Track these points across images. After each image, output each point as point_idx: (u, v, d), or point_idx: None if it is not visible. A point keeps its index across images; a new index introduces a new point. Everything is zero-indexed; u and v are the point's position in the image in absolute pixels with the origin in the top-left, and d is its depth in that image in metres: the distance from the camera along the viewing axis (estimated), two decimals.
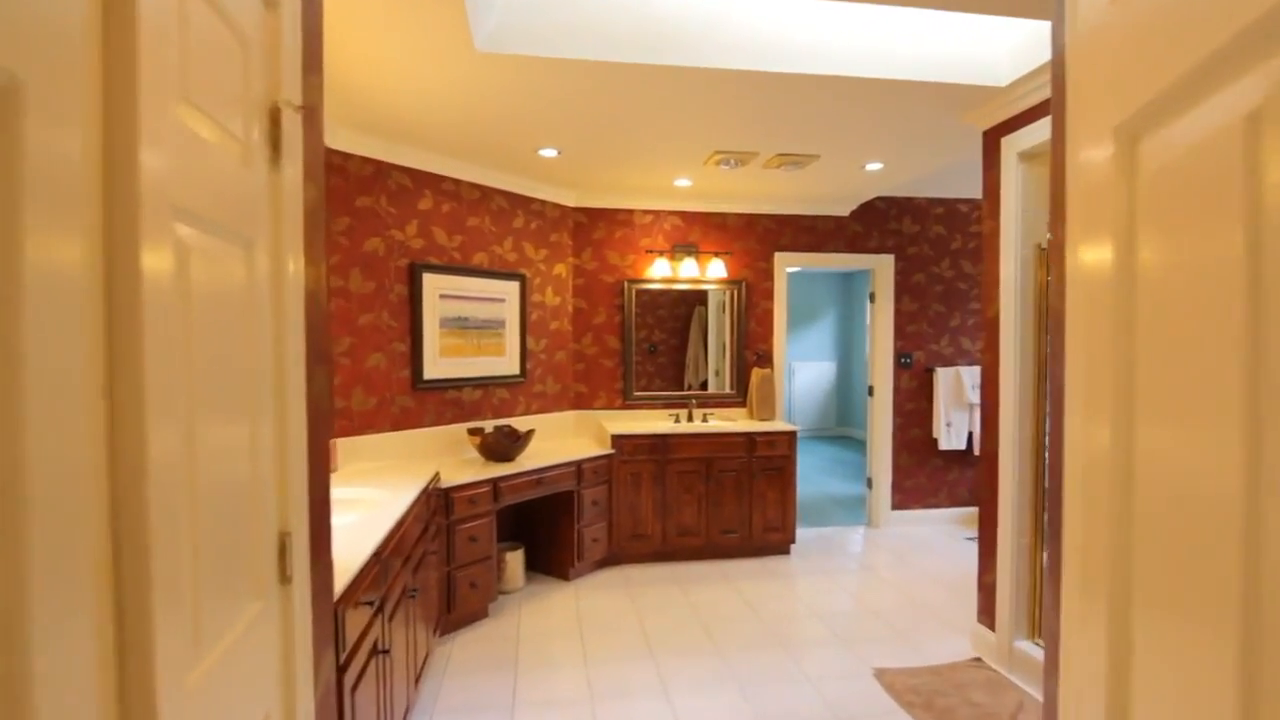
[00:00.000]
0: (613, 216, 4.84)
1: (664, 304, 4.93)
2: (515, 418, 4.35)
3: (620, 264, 4.85)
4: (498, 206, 4.24)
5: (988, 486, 3.09)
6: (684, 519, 4.37)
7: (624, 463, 4.29)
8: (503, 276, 4.25)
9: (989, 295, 3.08)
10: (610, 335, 4.85)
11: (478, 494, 3.41)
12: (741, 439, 4.43)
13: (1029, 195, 2.87)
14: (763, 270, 5.04)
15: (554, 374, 4.66)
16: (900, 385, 5.21)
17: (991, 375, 3.06)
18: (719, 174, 4.16)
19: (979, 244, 5.26)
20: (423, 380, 3.79)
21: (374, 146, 3.53)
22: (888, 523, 5.21)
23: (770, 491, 4.47)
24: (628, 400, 4.86)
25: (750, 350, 5.04)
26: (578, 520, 4.03)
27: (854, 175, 4.19)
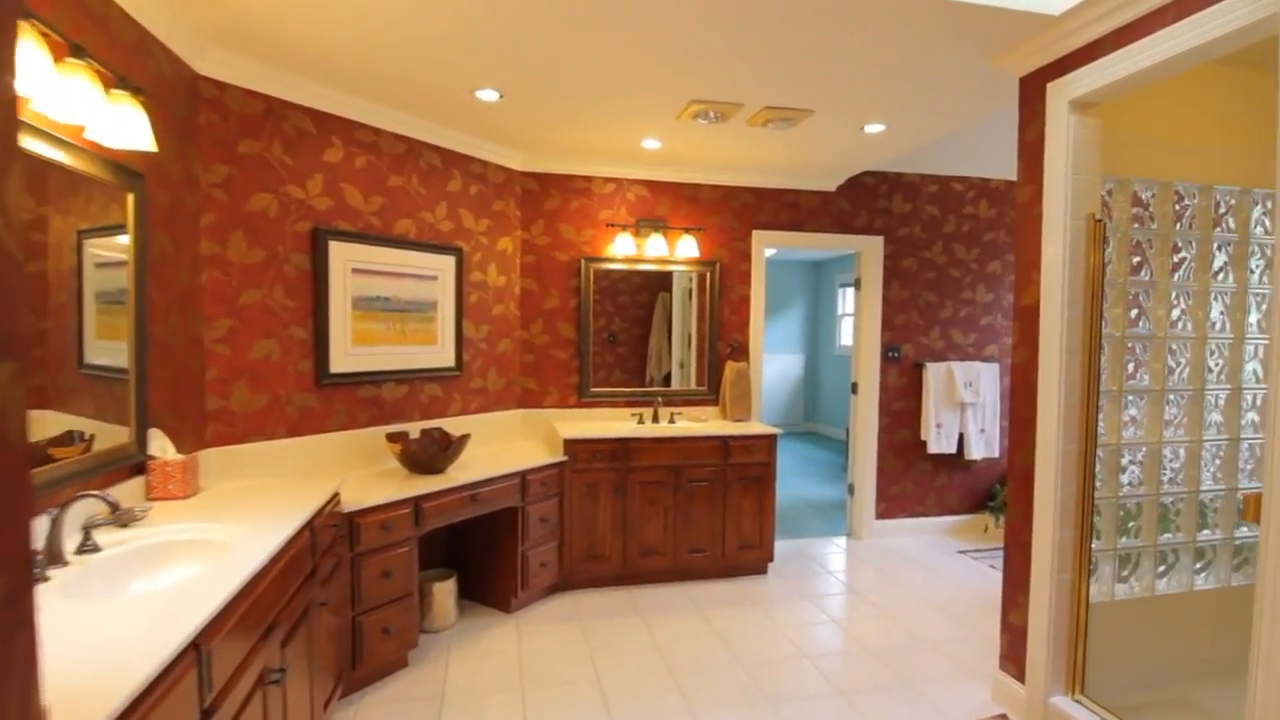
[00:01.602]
0: (568, 184, 4.16)
1: (627, 287, 4.29)
2: (449, 419, 3.66)
3: (577, 239, 4.19)
4: (428, 165, 3.52)
5: (1018, 508, 2.56)
6: (648, 537, 3.76)
7: (578, 472, 3.65)
8: (434, 249, 3.54)
9: (1025, 278, 2.53)
10: (564, 322, 4.19)
11: (393, 518, 2.72)
12: (715, 444, 3.83)
13: (1082, 154, 2.32)
14: (739, 250, 4.44)
15: (497, 367, 3.98)
16: (887, 382, 4.69)
17: (1026, 376, 2.52)
18: (695, 132, 3.52)
19: (973, 227, 4.77)
20: (329, 374, 3.07)
21: (264, 77, 2.78)
22: (871, 533, 4.70)
23: (746, 503, 3.90)
24: (584, 398, 4.22)
25: (724, 341, 4.44)
26: (522, 541, 3.38)
27: (850, 139, 3.61)
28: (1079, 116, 2.32)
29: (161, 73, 2.36)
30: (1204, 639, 2.70)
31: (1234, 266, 2.66)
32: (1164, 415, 2.59)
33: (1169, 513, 2.64)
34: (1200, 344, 2.63)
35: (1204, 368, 2.64)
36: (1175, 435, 2.62)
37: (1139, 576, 2.60)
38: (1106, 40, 2.16)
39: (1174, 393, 2.61)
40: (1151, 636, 2.64)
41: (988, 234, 4.80)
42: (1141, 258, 2.53)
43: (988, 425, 4.75)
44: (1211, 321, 2.64)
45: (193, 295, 2.59)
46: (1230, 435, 2.69)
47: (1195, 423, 2.64)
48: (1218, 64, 2.63)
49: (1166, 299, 2.57)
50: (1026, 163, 2.51)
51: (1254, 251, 2.68)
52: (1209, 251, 2.62)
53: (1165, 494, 2.61)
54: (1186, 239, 2.59)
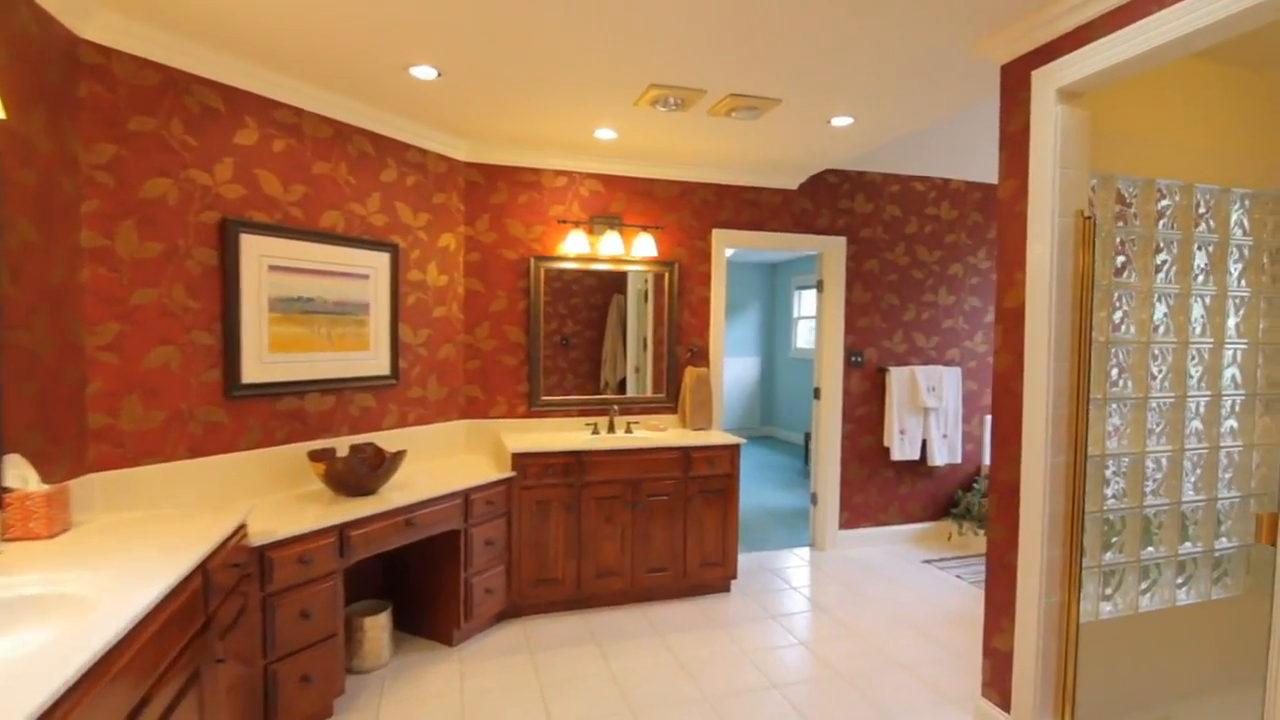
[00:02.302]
0: (516, 176, 3.86)
1: (580, 289, 4.01)
2: (384, 433, 3.31)
3: (525, 236, 3.89)
4: (359, 151, 3.18)
5: (1001, 526, 2.40)
6: (604, 557, 3.49)
7: (528, 488, 3.35)
8: (366, 245, 3.20)
9: (1007, 279, 2.37)
10: (512, 325, 3.89)
11: (314, 549, 2.39)
12: (675, 455, 3.59)
13: (1070, 147, 2.17)
14: (699, 250, 4.21)
15: (438, 374, 3.65)
16: (849, 387, 4.54)
17: (1009, 383, 2.36)
18: (654, 122, 3.28)
19: (935, 229, 4.67)
20: (241, 385, 2.70)
21: (162, 45, 2.41)
22: (835, 544, 4.54)
23: (709, 518, 3.67)
24: (534, 407, 3.92)
25: (683, 346, 4.21)
26: (465, 567, 3.07)
27: (816, 133, 3.43)
28: (1066, 106, 2.17)
29: (26, 31, 1.98)
30: (1186, 656, 2.59)
31: (1214, 268, 2.56)
32: (1146, 423, 2.47)
33: (1151, 526, 2.52)
34: (1182, 349, 2.52)
35: (1185, 374, 2.53)
36: (1158, 444, 2.50)
37: (1123, 593, 2.47)
38: (1100, 22, 2.01)
39: (1155, 400, 2.49)
40: (1134, 656, 2.52)
41: (949, 236, 4.71)
42: (1126, 258, 2.40)
43: (950, 431, 4.65)
44: (1190, 325, 2.54)
45: (69, 295, 2.21)
46: (1210, 444, 2.59)
47: (1177, 431, 2.52)
48: (1196, 59, 2.54)
49: (1149, 302, 2.45)
50: (1009, 156, 2.35)
51: (1232, 253, 2.59)
52: (1190, 252, 2.51)
53: (1148, 506, 2.49)
54: (1168, 239, 2.48)
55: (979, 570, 4.15)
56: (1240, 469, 2.66)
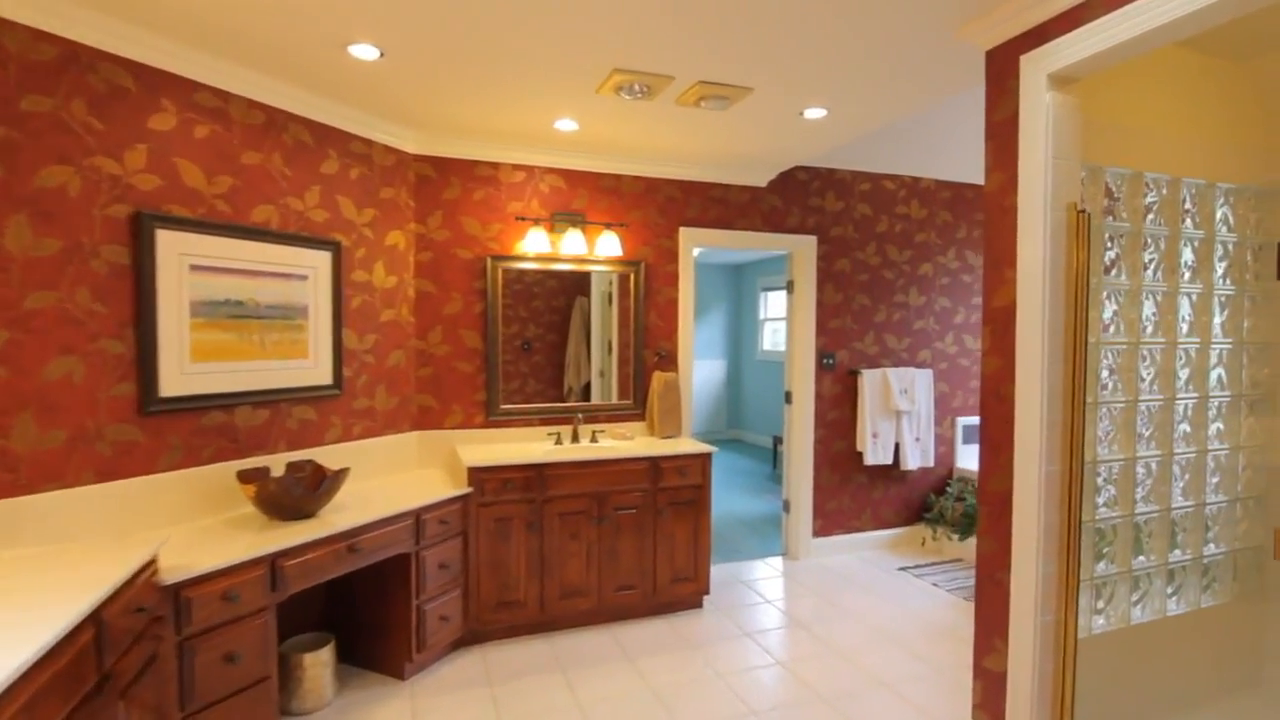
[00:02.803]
0: (471, 170, 3.62)
1: (542, 290, 3.78)
2: (325, 448, 3.04)
3: (482, 235, 3.65)
4: (296, 140, 2.90)
5: (992, 539, 2.26)
6: (569, 576, 3.27)
7: (486, 505, 3.11)
8: (304, 243, 2.92)
9: (996, 278, 2.23)
10: (469, 329, 3.64)
11: (240, 584, 2.12)
12: (643, 466, 3.39)
13: (1062, 136, 2.04)
14: (665, 249, 4.03)
15: (387, 383, 3.38)
16: (821, 390, 4.41)
17: (999, 388, 2.22)
18: (618, 111, 3.08)
19: (905, 228, 4.58)
20: (159, 399, 2.41)
21: (60, 15, 2.12)
22: (808, 552, 4.39)
23: (680, 531, 3.48)
24: (493, 416, 3.68)
25: (650, 349, 4.01)
26: (417, 594, 2.81)
27: (788, 126, 3.27)
28: (1058, 93, 2.04)
29: None
30: (1179, 666, 2.50)
31: (1200, 265, 2.47)
32: (1136, 427, 2.36)
33: (1141, 534, 2.42)
34: (1170, 349, 2.42)
35: (1174, 375, 2.44)
36: (1147, 449, 2.40)
37: (1114, 606, 2.36)
38: (1096, 1, 1.88)
39: (1144, 402, 2.38)
40: (1127, 670, 2.41)
41: (919, 235, 4.62)
42: (1114, 255, 2.29)
43: (923, 434, 4.56)
44: (1178, 324, 2.45)
45: None
46: (1198, 447, 2.50)
47: (1166, 435, 2.43)
48: (1180, 48, 2.45)
49: (1138, 300, 2.35)
50: (996, 147, 2.22)
51: (1217, 249, 2.51)
52: (1177, 249, 2.42)
53: (1139, 514, 2.39)
54: (1155, 234, 2.38)
55: (955, 577, 4.05)
56: (1227, 472, 2.58)
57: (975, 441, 4.81)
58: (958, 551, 4.41)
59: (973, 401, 4.83)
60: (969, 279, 4.77)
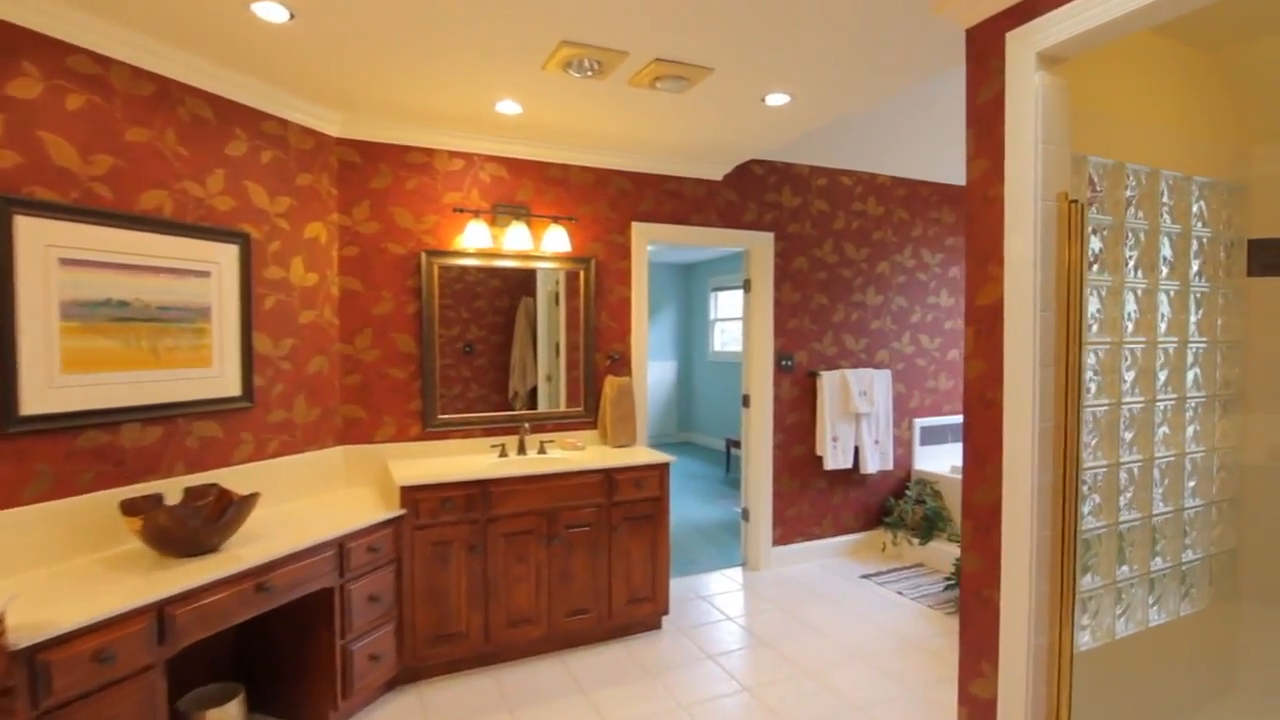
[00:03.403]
0: (403, 157, 3.28)
1: (485, 290, 3.48)
2: (235, 468, 2.66)
3: (415, 228, 3.32)
4: (195, 116, 2.52)
5: (978, 557, 2.09)
6: (516, 602, 2.98)
7: (422, 528, 2.79)
8: (206, 234, 2.55)
9: (980, 274, 2.07)
10: (401, 332, 3.30)
11: (116, 640, 1.76)
12: (597, 479, 3.13)
13: (1052, 121, 1.89)
14: (617, 245, 3.77)
15: (308, 392, 3.02)
16: (780, 393, 4.24)
17: (984, 392, 2.06)
18: (565, 92, 2.81)
19: (862, 225, 4.46)
20: (19, 418, 2.01)
21: None
22: (768, 562, 4.22)
23: (636, 548, 3.23)
24: (429, 427, 3.35)
25: (602, 353, 3.75)
26: (342, 632, 2.48)
27: (747, 113, 3.07)
28: (1047, 73, 1.89)
29: None
30: (1159, 679, 2.40)
31: (1177, 261, 2.38)
32: (1120, 431, 2.25)
33: (1124, 543, 2.31)
34: (1151, 349, 2.32)
35: (1154, 375, 2.34)
36: (1130, 454, 2.29)
37: (1099, 621, 2.23)
38: None
39: (1126, 405, 2.27)
40: (1111, 687, 2.29)
41: (876, 233, 4.51)
42: (1100, 248, 2.16)
43: (882, 436, 4.45)
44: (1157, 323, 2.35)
45: None
46: (1177, 450, 2.41)
47: (1147, 439, 2.32)
48: (1156, 34, 2.35)
49: (1120, 297, 2.23)
50: (979, 133, 2.06)
51: (1193, 245, 2.42)
52: (1156, 243, 2.32)
53: (1122, 522, 2.27)
54: (1136, 228, 2.27)
55: (918, 584, 3.94)
56: (1203, 475, 2.50)
57: (933, 443, 4.74)
58: (918, 556, 4.31)
59: (930, 402, 4.75)
60: (925, 278, 4.70)
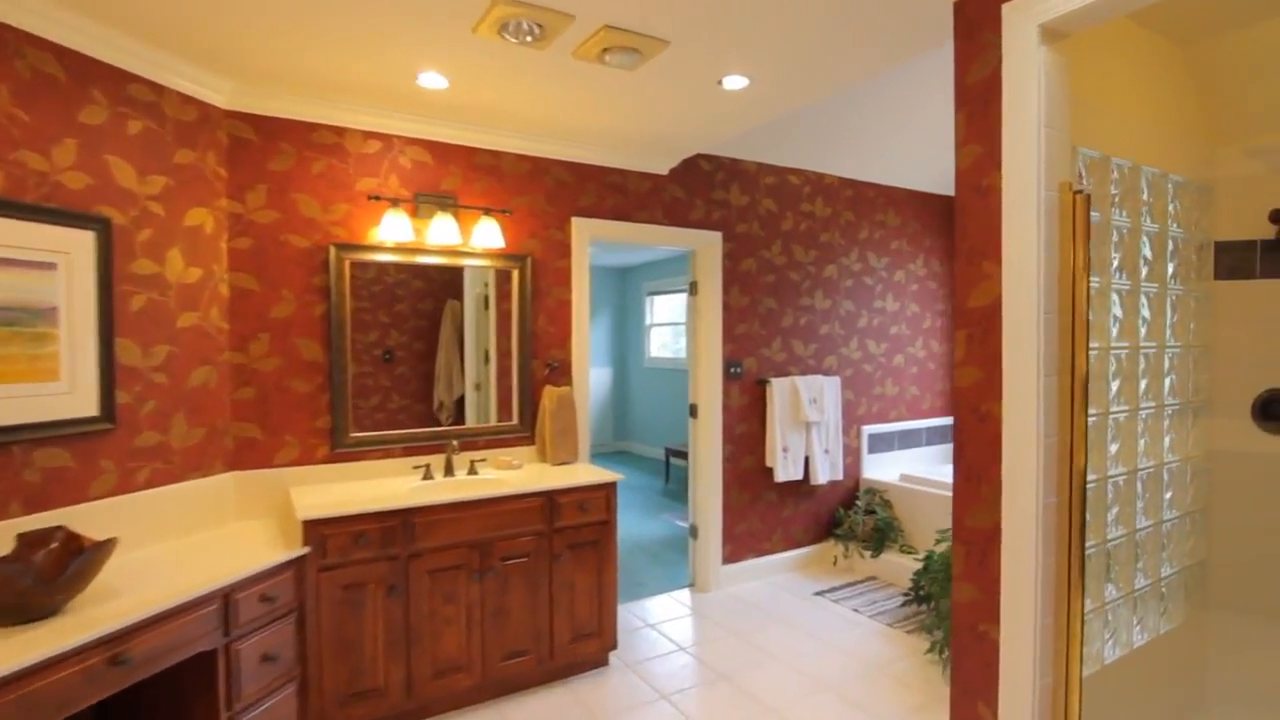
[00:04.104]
0: (308, 136, 2.84)
1: (407, 292, 3.07)
2: (91, 505, 2.17)
3: (323, 218, 2.88)
4: (36, 72, 2.03)
5: (973, 587, 1.88)
6: (444, 648, 2.59)
7: (330, 569, 2.37)
8: (50, 218, 2.05)
9: (972, 272, 1.87)
10: (306, 337, 2.86)
11: None
12: (536, 503, 2.78)
13: (1055, 102, 1.70)
14: (556, 242, 3.44)
15: (189, 409, 2.53)
16: (729, 402, 4.01)
17: (978, 405, 1.85)
18: (499, 62, 2.46)
19: (810, 226, 4.29)
20: None
21: None
22: (718, 582, 3.96)
23: (581, 579, 2.90)
24: (341, 447, 2.91)
25: (540, 359, 3.40)
26: (229, 702, 2.04)
27: (702, 98, 2.80)
28: (1052, 49, 1.70)
29: None
30: (1143, 703, 2.27)
31: (1155, 261, 2.27)
32: (1106, 442, 2.10)
33: (1111, 561, 2.17)
34: (1134, 354, 2.19)
35: (1136, 381, 2.21)
36: (1115, 468, 2.14)
37: (1090, 646, 2.07)
38: None
39: (1113, 415, 2.13)
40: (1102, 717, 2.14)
41: (824, 235, 4.35)
42: None
43: (831, 445, 4.28)
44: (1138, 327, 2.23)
45: None
46: (1155, 461, 2.30)
47: (1131, 450, 2.19)
48: (1134, 22, 2.24)
49: (1107, 299, 2.09)
50: (970, 115, 1.86)
51: (1169, 245, 2.32)
52: (1138, 242, 2.19)
53: (1110, 540, 2.12)
54: (1119, 226, 2.13)
55: (874, 600, 3.78)
56: (1178, 485, 2.41)
57: (881, 451, 4.63)
58: (870, 569, 4.16)
59: (877, 409, 4.64)
60: (871, 281, 4.58)
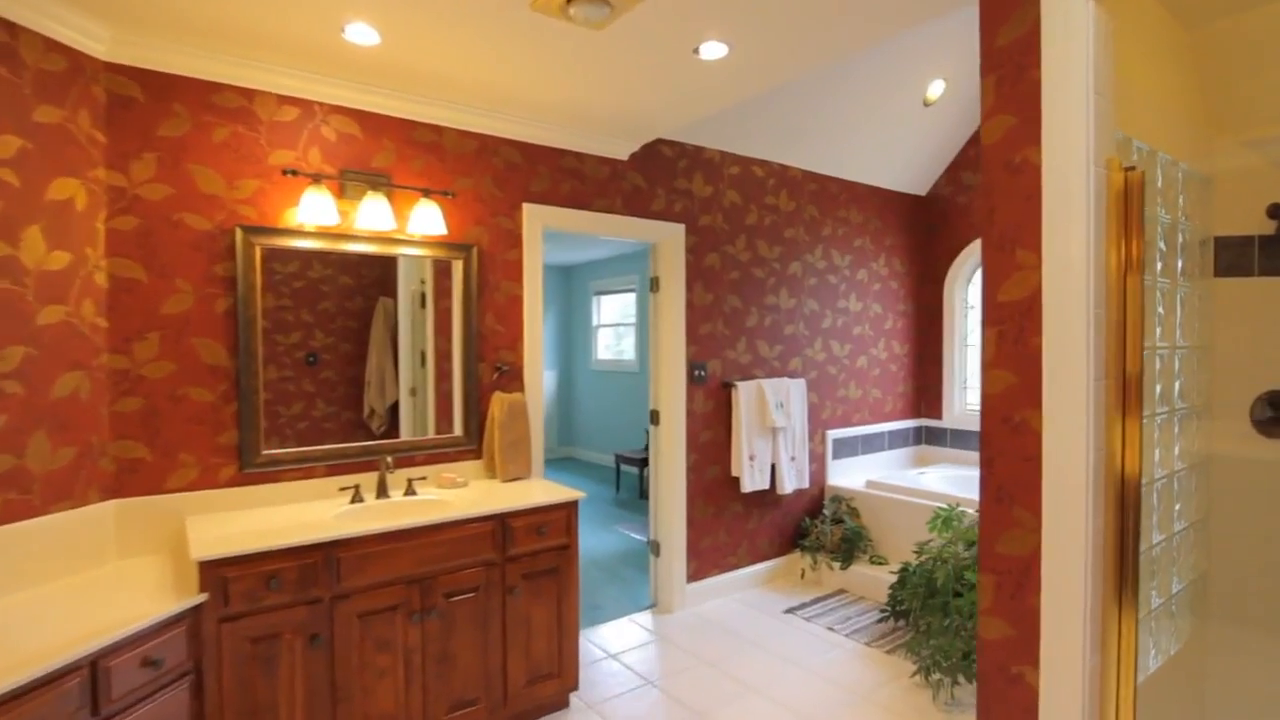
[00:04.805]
0: (208, 97, 2.39)
1: (334, 288, 2.64)
2: None
3: (229, 195, 2.43)
4: None
5: (1003, 621, 1.64)
6: (378, 704, 2.19)
7: (235, 620, 1.94)
8: None
9: (1005, 261, 1.63)
10: (208, 337, 2.40)
11: None
12: (486, 528, 2.41)
13: (1104, 64, 1.48)
14: (505, 232, 3.07)
15: (53, 425, 2.05)
16: (692, 407, 3.72)
17: (1012, 414, 1.61)
18: (442, 10, 2.09)
19: (775, 221, 4.06)
20: None
21: None
22: (682, 602, 3.67)
23: (539, 613, 2.55)
24: (251, 467, 2.46)
25: (487, 362, 3.03)
26: None
27: (674, 68, 2.50)
28: (1098, 4, 1.48)
29: None
30: None
31: (1168, 255, 2.11)
32: None
33: None
34: (1151, 355, 2.02)
35: (1154, 384, 2.03)
36: None
37: None
38: None
39: None
40: None
41: (788, 230, 4.13)
42: None
43: (798, 452, 4.06)
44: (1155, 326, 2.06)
45: None
46: (1167, 470, 2.13)
47: (1148, 460, 2.01)
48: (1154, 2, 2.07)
49: None
50: (1000, 80, 1.62)
51: (1179, 238, 2.17)
52: (1155, 233, 2.02)
53: None
54: None
55: (847, 616, 3.56)
56: (1185, 495, 2.26)
57: (845, 456, 4.44)
58: (839, 581, 3.96)
59: (840, 412, 4.45)
60: (835, 280, 4.40)
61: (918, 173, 4.69)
